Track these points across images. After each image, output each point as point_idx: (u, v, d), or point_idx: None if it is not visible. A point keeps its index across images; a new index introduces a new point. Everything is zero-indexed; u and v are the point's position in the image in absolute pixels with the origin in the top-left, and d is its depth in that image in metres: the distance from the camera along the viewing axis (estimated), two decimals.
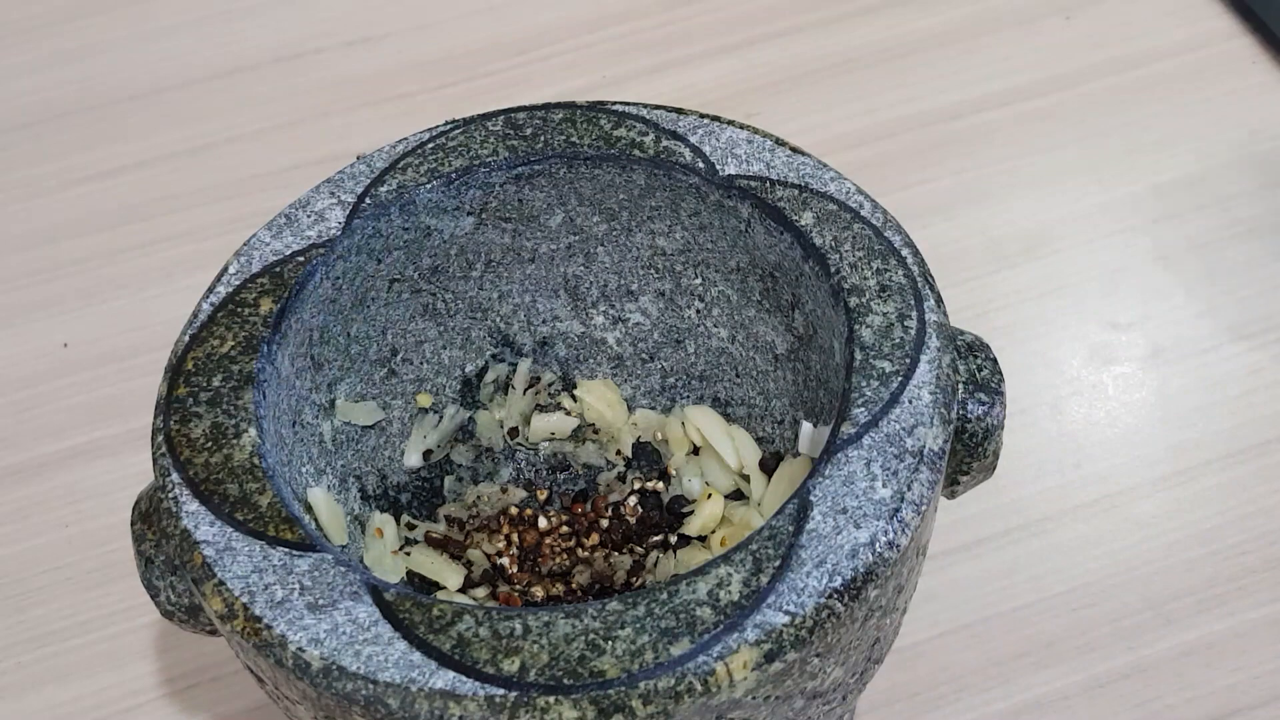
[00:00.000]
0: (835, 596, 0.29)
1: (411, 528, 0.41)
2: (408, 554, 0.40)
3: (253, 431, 0.33)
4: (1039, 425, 0.51)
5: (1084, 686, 0.44)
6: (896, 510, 0.30)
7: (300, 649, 0.28)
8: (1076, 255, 0.57)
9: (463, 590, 0.39)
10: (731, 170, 0.38)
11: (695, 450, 0.43)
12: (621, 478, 0.43)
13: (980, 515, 0.48)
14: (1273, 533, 0.47)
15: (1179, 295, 0.55)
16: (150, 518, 0.34)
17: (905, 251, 0.35)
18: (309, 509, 0.36)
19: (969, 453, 0.34)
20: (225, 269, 0.36)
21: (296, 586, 0.29)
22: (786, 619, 0.28)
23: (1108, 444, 0.50)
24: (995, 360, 0.35)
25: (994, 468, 0.35)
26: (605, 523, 0.41)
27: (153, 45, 0.70)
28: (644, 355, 0.43)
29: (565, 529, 0.41)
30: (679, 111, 0.39)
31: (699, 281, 0.41)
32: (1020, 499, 0.49)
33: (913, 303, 0.34)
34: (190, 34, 0.70)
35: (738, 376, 0.42)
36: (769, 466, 0.40)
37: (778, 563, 0.29)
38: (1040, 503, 0.49)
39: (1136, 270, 0.56)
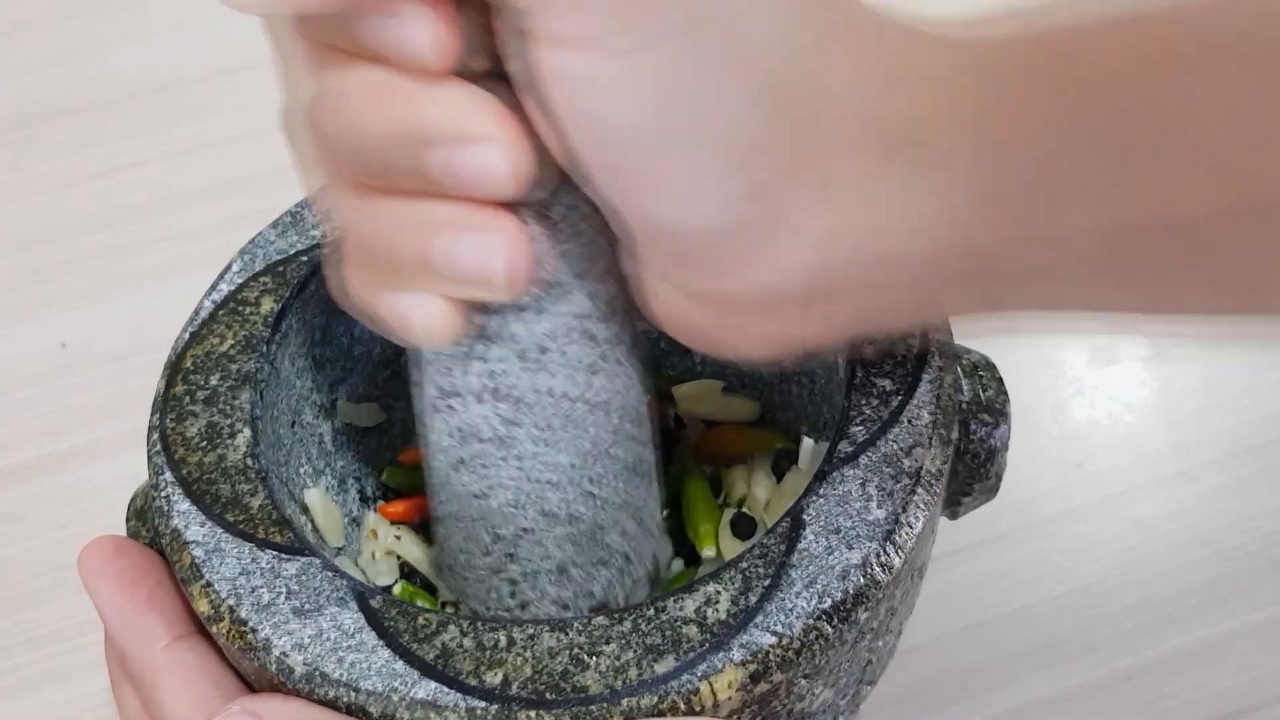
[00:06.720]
0: (824, 618, 0.28)
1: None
2: (397, 538, 0.39)
3: (247, 432, 0.33)
4: (1041, 426, 0.51)
5: (1086, 688, 0.43)
6: (890, 532, 0.29)
7: (284, 654, 0.28)
8: None
9: None
10: None
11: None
12: None
13: (982, 516, 0.48)
14: (1275, 533, 0.47)
15: None
16: (145, 515, 0.34)
17: None
18: (305, 510, 0.36)
19: (971, 474, 0.34)
20: (229, 266, 0.36)
21: (283, 590, 0.29)
22: (773, 639, 0.28)
23: (1110, 444, 0.50)
24: (1001, 380, 0.34)
25: (997, 489, 0.34)
26: None
27: (152, 45, 0.70)
28: (649, 364, 0.43)
29: None
30: None
31: None
32: (1022, 499, 0.48)
33: None
34: (190, 34, 0.70)
35: (742, 387, 0.42)
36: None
37: (767, 582, 0.29)
38: (1042, 503, 0.48)
39: None
